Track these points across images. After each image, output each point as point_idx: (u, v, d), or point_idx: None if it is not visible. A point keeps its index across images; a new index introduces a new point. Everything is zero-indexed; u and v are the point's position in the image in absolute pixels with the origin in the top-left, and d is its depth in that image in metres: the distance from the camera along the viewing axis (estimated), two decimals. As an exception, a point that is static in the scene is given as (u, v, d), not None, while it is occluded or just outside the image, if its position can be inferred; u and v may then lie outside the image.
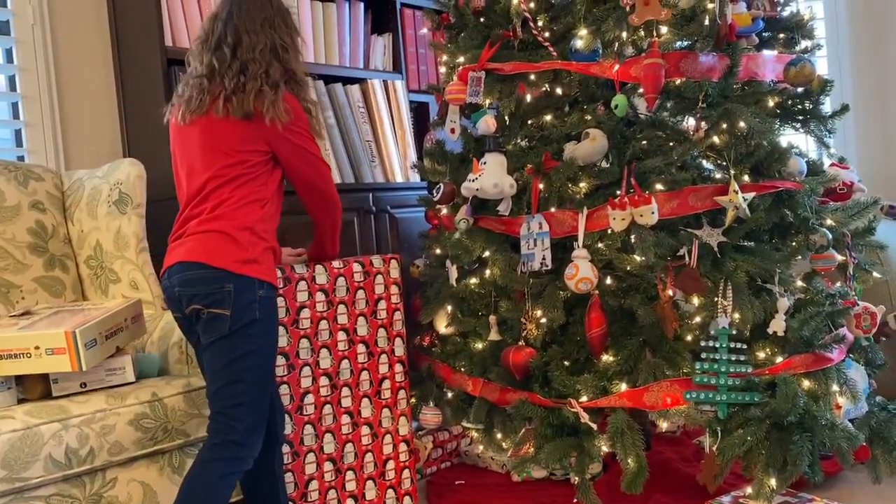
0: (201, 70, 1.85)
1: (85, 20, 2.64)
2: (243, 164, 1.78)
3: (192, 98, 1.82)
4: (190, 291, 1.70)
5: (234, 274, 1.69)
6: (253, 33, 1.84)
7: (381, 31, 3.28)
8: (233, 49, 1.83)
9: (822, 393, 1.90)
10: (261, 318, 1.72)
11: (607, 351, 2.01)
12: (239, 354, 1.69)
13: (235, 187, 1.76)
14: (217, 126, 1.79)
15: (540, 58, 2.13)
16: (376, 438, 2.21)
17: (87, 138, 2.64)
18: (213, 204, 1.75)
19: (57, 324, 1.71)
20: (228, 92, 1.78)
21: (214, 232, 1.72)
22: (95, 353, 1.69)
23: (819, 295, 2.02)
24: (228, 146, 1.78)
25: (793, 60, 2.10)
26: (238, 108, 1.76)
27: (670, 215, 1.94)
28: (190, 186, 1.81)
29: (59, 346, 1.64)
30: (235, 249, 1.71)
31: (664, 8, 1.94)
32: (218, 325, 1.69)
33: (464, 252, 2.21)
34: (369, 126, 3.12)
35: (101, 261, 2.29)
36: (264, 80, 1.79)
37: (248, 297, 1.70)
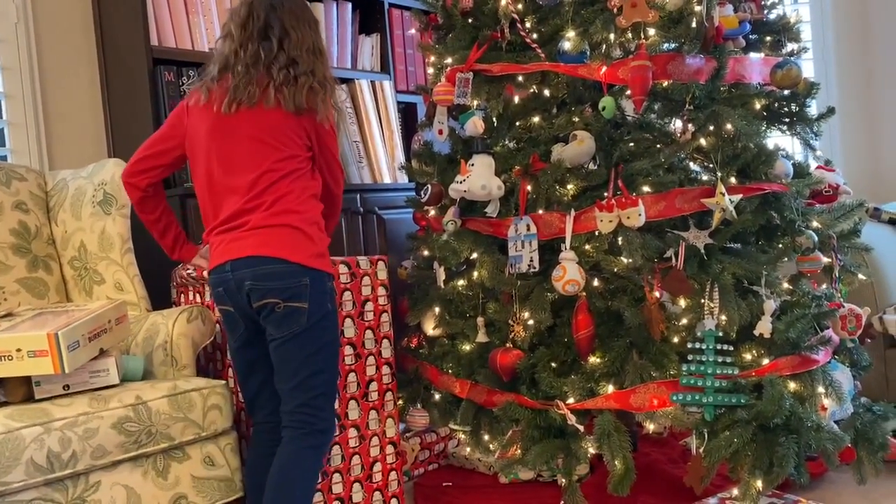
0: (246, 58, 1.79)
1: (69, 19, 2.62)
2: (296, 158, 1.78)
3: (238, 87, 1.78)
4: (266, 286, 1.71)
5: (310, 268, 1.72)
6: (298, 30, 1.82)
7: (368, 32, 3.27)
8: (279, 41, 1.80)
9: (807, 395, 1.91)
10: (332, 310, 1.79)
11: (594, 353, 2.01)
12: (319, 346, 1.75)
13: (293, 180, 1.76)
14: (268, 118, 1.77)
15: (528, 59, 2.13)
16: (363, 441, 2.20)
17: (71, 138, 2.61)
18: (274, 198, 1.74)
19: (40, 325, 1.69)
20: (279, 83, 1.77)
21: (286, 227, 1.73)
22: (78, 355, 1.67)
23: (805, 297, 2.03)
24: (279, 140, 1.77)
25: (779, 63, 2.11)
26: (290, 100, 1.76)
27: (657, 217, 1.94)
28: (239, 181, 1.77)
29: (41, 349, 1.62)
30: (309, 244, 1.74)
31: (651, 10, 1.94)
32: (296, 318, 1.72)
33: (451, 254, 2.21)
34: (357, 126, 3.11)
35: (86, 262, 2.27)
36: (313, 77, 1.79)
37: (322, 290, 1.75)
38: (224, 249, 1.76)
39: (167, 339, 1.97)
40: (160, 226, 1.97)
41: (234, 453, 1.90)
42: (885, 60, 3.49)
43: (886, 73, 3.50)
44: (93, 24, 2.64)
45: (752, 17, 2.11)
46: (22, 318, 1.78)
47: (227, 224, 1.77)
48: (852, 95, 3.55)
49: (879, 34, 3.48)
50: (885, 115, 3.53)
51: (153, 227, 1.98)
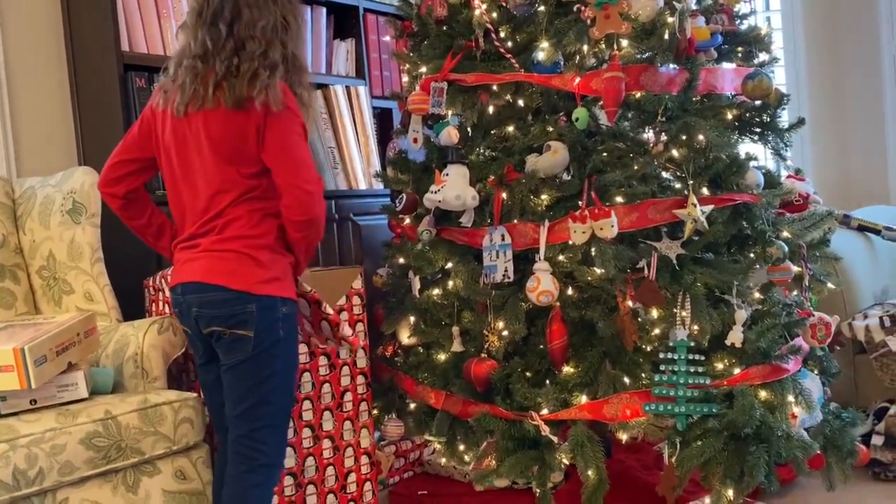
0: (194, 49, 1.65)
1: (38, 23, 2.57)
2: (251, 175, 1.64)
3: (185, 84, 1.64)
4: (210, 313, 1.64)
5: (257, 295, 1.62)
6: (255, 7, 1.65)
7: (343, 37, 3.26)
8: (229, 25, 1.63)
9: (778, 403, 1.93)
10: (284, 337, 1.66)
11: (568, 362, 2.01)
12: (265, 376, 1.65)
13: (245, 201, 1.64)
14: (214, 121, 1.63)
15: (502, 69, 2.13)
16: (338, 452, 2.19)
17: (40, 145, 2.57)
18: (225, 221, 1.64)
19: (6, 339, 1.66)
20: (220, 77, 1.61)
21: (232, 252, 1.63)
22: (45, 369, 1.64)
23: (776, 306, 2.05)
24: (229, 149, 1.63)
25: (751, 74, 2.13)
26: (229, 95, 1.60)
27: (630, 228, 1.95)
28: (194, 196, 1.68)
29: (6, 363, 1.59)
30: (257, 269, 1.63)
31: (624, 22, 1.95)
32: (241, 346, 1.63)
33: (426, 263, 2.21)
34: (331, 132, 3.09)
35: (55, 271, 2.23)
36: (261, 61, 1.61)
37: (271, 317, 1.64)
38: (178, 270, 1.71)
39: (138, 350, 1.95)
40: (152, 230, 1.84)
41: (206, 466, 1.88)
42: (855, 70, 3.55)
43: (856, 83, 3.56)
44: (62, 29, 2.60)
45: (723, 29, 2.13)
46: (-12, 332, 1.75)
47: (186, 242, 1.71)
48: (823, 105, 3.61)
49: (850, 43, 3.54)
50: (855, 125, 3.59)
51: (145, 234, 1.85)
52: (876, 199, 3.45)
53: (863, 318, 2.73)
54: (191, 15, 1.69)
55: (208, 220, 1.66)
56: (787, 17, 3.58)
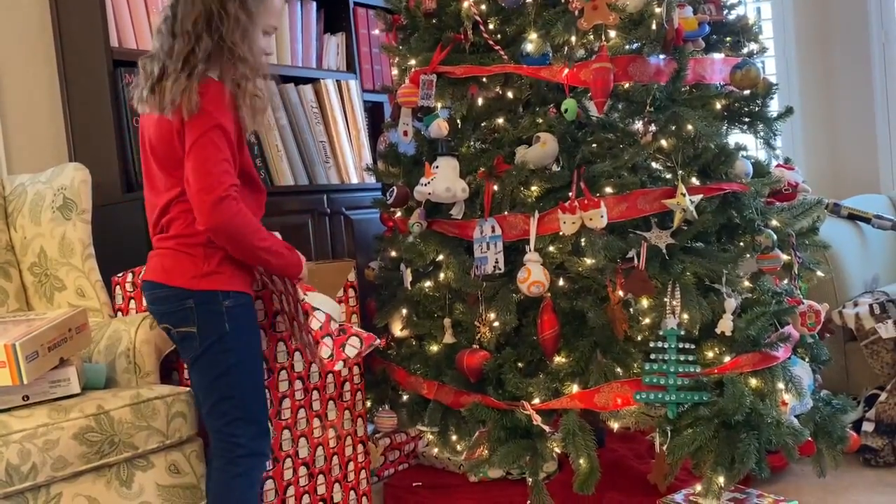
0: (149, 53, 1.70)
1: (27, 18, 2.57)
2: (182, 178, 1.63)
3: (139, 89, 1.69)
4: (156, 310, 1.72)
5: (193, 290, 1.64)
6: (188, 2, 1.62)
7: (334, 31, 3.26)
8: (171, 25, 1.64)
9: (768, 391, 1.94)
10: (232, 329, 1.65)
11: (559, 352, 2.02)
12: (220, 371, 1.66)
13: (179, 202, 1.66)
14: (152, 128, 1.68)
15: (491, 61, 2.13)
16: (339, 441, 2.21)
17: (30, 141, 2.57)
18: (168, 219, 1.69)
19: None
20: (154, 81, 1.62)
21: (169, 250, 1.69)
22: (36, 365, 1.65)
23: (765, 294, 2.06)
24: (163, 156, 1.66)
25: (739, 64, 2.14)
26: (157, 102, 1.61)
27: (619, 218, 1.96)
28: (150, 195, 1.75)
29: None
30: (190, 265, 1.65)
31: (612, 12, 1.96)
32: (189, 343, 1.67)
33: (417, 256, 2.21)
34: (323, 126, 3.09)
35: (46, 268, 2.23)
36: (185, 62, 1.59)
37: (212, 311, 1.64)
38: (146, 267, 1.78)
39: (130, 346, 1.95)
40: None
41: (200, 460, 1.89)
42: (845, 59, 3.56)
43: (846, 72, 3.57)
44: (51, 24, 2.59)
45: (711, 19, 2.13)
46: (-21, 328, 1.74)
47: (152, 238, 1.78)
48: (813, 93, 3.61)
49: (839, 31, 3.55)
50: (845, 113, 3.60)
51: None
52: (866, 188, 3.46)
53: (853, 306, 2.75)
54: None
55: (156, 219, 1.72)
56: (777, 5, 3.58)
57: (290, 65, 3.03)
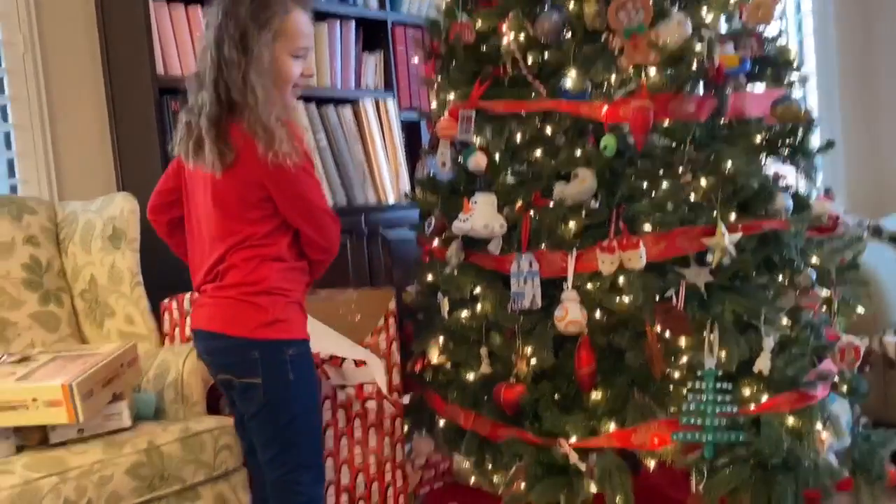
0: (187, 105, 1.69)
1: (76, 48, 2.64)
2: (247, 223, 1.64)
3: (182, 140, 1.69)
4: (217, 361, 1.69)
5: (258, 340, 1.61)
6: (224, 39, 1.60)
7: (372, 49, 3.29)
8: (199, 76, 1.65)
9: (806, 431, 1.94)
10: (296, 378, 1.64)
11: (596, 387, 2.04)
12: (285, 421, 1.64)
13: (243, 248, 1.64)
14: (211, 178, 1.64)
15: (530, 94, 2.14)
16: (380, 467, 2.26)
17: (80, 168, 2.65)
18: (225, 267, 1.66)
19: (55, 373, 1.73)
20: (204, 132, 1.61)
21: (229, 299, 1.64)
22: (92, 403, 1.71)
23: (804, 332, 2.05)
24: (226, 201, 1.64)
25: (780, 99, 2.13)
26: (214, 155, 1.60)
27: (659, 258, 1.96)
28: (202, 240, 1.72)
29: (55, 398, 1.66)
30: (255, 313, 1.62)
31: (652, 51, 1.96)
32: (253, 394, 1.64)
33: (455, 288, 2.24)
34: (361, 146, 3.14)
35: (96, 295, 2.31)
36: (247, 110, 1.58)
37: (278, 361, 1.62)
38: (194, 315, 1.75)
39: (178, 376, 2.02)
40: None
41: (245, 490, 1.95)
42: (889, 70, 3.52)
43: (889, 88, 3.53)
44: (99, 52, 2.66)
45: (753, 55, 2.12)
46: (38, 363, 1.82)
47: (196, 284, 1.75)
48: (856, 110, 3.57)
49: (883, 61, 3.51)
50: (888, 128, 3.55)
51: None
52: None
53: (894, 334, 2.72)
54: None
55: (211, 266, 1.68)
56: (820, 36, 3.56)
57: (330, 86, 3.07)
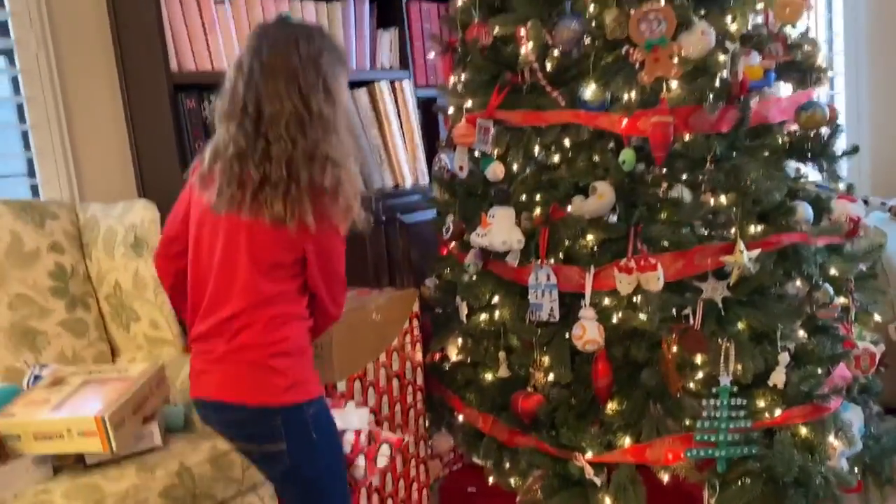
0: (231, 148, 1.54)
1: (89, 45, 2.61)
2: (280, 280, 1.57)
3: (222, 187, 1.55)
4: (235, 433, 1.63)
5: (279, 406, 1.55)
6: (276, 99, 1.51)
7: (386, 26, 3.22)
8: (255, 122, 1.52)
9: (818, 443, 1.98)
10: (318, 436, 1.59)
11: (613, 398, 2.08)
12: (311, 479, 1.61)
13: (271, 305, 1.57)
14: (251, 232, 1.55)
15: (548, 103, 2.11)
16: (405, 465, 2.34)
17: (99, 166, 2.66)
18: (243, 324, 1.56)
19: (86, 402, 1.78)
20: (255, 186, 1.52)
21: (246, 363, 1.56)
22: (124, 432, 1.77)
23: (820, 345, 2.07)
24: (260, 256, 1.55)
25: (804, 105, 2.08)
26: (267, 211, 1.52)
27: (676, 277, 1.97)
28: (216, 289, 1.60)
29: (90, 429, 1.72)
30: (275, 378, 1.55)
31: (674, 64, 1.92)
32: (276, 459, 1.59)
33: (473, 297, 2.26)
34: (377, 130, 3.11)
35: (121, 299, 2.35)
36: (289, 170, 1.50)
37: (300, 423, 1.57)
38: (195, 381, 1.65)
39: (204, 388, 2.07)
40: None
41: (273, 499, 2.02)
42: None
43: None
44: (112, 50, 2.63)
45: (778, 60, 2.06)
46: (71, 388, 1.87)
47: (201, 342, 1.64)
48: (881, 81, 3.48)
49: None
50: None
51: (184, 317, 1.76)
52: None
53: (911, 324, 2.72)
54: (222, 99, 1.59)
55: (225, 319, 1.57)
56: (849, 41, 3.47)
57: (345, 69, 3.02)
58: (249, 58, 1.56)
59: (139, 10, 2.51)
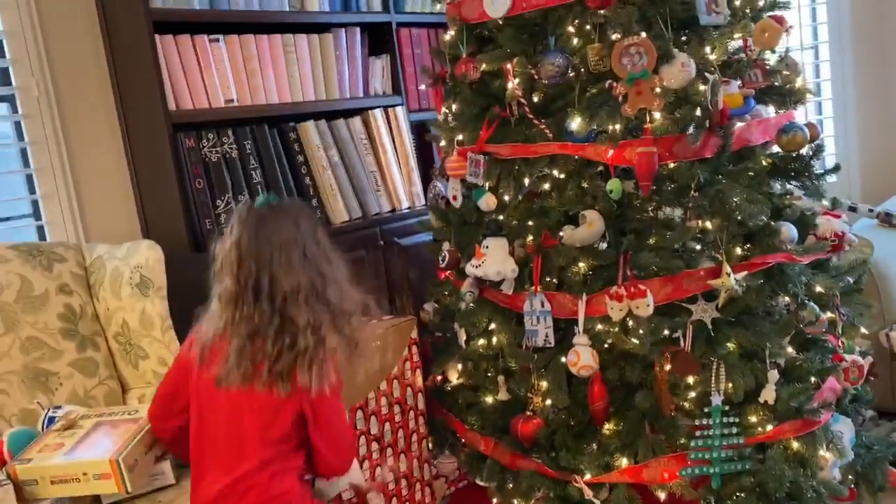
0: (241, 327, 1.63)
1: (88, 88, 2.68)
2: (282, 442, 1.68)
3: (231, 363, 1.65)
4: None
5: None
6: (290, 271, 1.62)
7: (378, 53, 3.29)
8: (271, 298, 1.62)
9: (809, 456, 2.04)
10: None
11: (609, 419, 2.15)
12: None
13: (272, 464, 1.67)
14: (258, 400, 1.65)
15: (536, 136, 2.17)
16: (411, 489, 2.41)
17: (103, 206, 2.72)
18: (248, 486, 1.66)
19: (99, 444, 1.85)
20: (272, 361, 1.61)
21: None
22: (138, 472, 1.84)
23: (808, 361, 2.13)
24: (265, 424, 1.66)
25: (785, 128, 2.14)
26: (283, 382, 1.62)
27: (665, 301, 2.03)
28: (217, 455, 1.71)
29: (104, 472, 1.78)
30: None
31: (656, 97, 1.98)
32: None
33: (470, 325, 2.33)
34: (372, 156, 3.18)
35: (129, 338, 2.42)
36: (314, 339, 1.62)
37: None
38: None
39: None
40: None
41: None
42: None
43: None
44: (111, 92, 2.70)
45: (758, 86, 2.12)
46: (83, 431, 1.94)
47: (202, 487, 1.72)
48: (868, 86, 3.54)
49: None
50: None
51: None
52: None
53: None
54: (229, 277, 1.66)
55: (229, 484, 1.67)
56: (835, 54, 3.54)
57: (339, 97, 3.10)
58: (254, 241, 1.64)
59: (136, 52, 2.58)
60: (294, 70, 2.93)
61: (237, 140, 2.73)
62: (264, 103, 2.82)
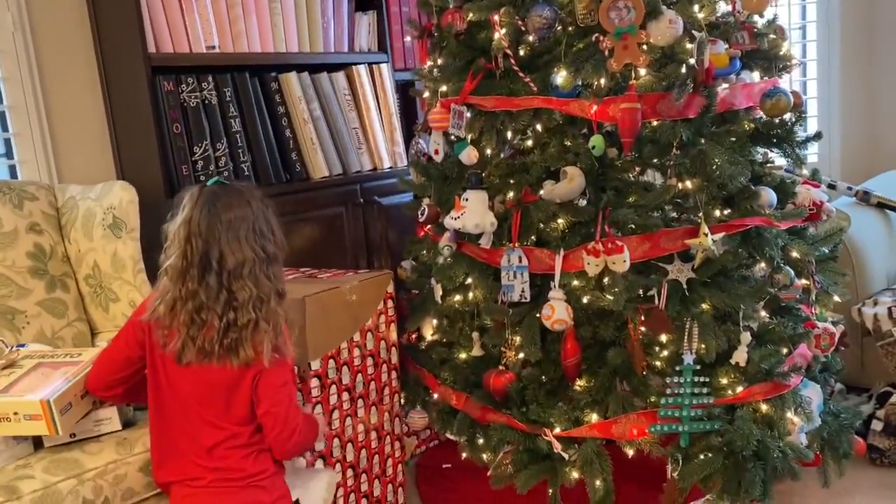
0: (189, 302, 1.66)
1: (66, 26, 2.62)
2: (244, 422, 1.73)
3: (185, 339, 1.67)
4: None
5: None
6: (238, 251, 1.66)
7: (364, 9, 3.25)
8: (218, 275, 1.66)
9: (777, 419, 2.06)
10: None
11: (581, 376, 2.15)
12: None
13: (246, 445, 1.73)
14: (213, 375, 1.69)
15: (521, 88, 2.16)
16: (380, 441, 2.40)
17: (77, 147, 2.67)
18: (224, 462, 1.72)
19: (37, 383, 1.79)
20: (220, 335, 1.65)
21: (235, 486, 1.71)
22: (71, 415, 1.77)
23: (781, 325, 2.14)
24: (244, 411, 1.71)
25: (769, 92, 2.14)
26: (236, 355, 1.66)
27: (642, 258, 2.03)
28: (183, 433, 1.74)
29: (35, 413, 1.72)
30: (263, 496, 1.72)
31: (643, 52, 1.96)
32: None
33: (447, 279, 2.32)
34: (355, 113, 3.14)
35: (100, 280, 2.38)
36: (258, 312, 1.66)
37: None
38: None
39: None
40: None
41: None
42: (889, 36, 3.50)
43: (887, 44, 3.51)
44: (90, 31, 2.64)
45: (745, 48, 2.12)
46: (22, 371, 1.86)
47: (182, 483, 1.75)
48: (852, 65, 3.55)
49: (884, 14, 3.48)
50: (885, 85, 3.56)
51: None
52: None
53: (872, 305, 2.82)
54: (178, 253, 1.68)
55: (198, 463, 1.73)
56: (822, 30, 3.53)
57: (323, 51, 3.05)
58: (205, 218, 1.67)
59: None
60: (279, 20, 2.88)
61: (217, 86, 2.68)
62: (246, 51, 2.77)
